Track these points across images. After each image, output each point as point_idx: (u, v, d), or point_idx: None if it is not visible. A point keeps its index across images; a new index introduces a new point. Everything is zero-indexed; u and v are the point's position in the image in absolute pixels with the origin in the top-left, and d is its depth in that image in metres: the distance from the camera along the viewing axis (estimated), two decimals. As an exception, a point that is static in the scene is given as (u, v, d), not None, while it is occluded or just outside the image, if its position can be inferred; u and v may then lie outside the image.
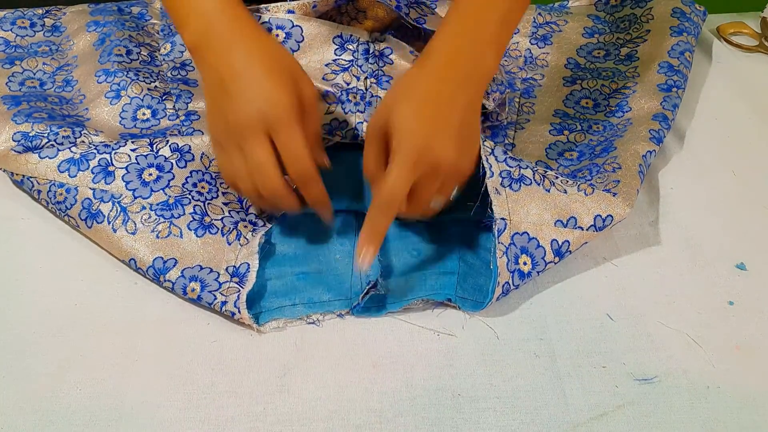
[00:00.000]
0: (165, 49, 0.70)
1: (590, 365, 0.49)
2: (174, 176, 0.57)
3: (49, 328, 0.51)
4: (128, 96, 0.64)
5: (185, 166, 0.57)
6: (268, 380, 0.48)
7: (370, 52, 0.61)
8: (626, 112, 0.66)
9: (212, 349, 0.50)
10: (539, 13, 0.78)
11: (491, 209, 0.52)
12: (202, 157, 0.58)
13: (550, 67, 0.73)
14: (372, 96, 0.60)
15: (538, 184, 0.54)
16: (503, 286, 0.51)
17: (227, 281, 0.52)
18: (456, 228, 0.57)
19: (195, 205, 0.55)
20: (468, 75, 0.52)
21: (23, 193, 0.61)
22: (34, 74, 0.69)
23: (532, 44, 0.75)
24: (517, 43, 0.75)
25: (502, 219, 0.52)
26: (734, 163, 0.65)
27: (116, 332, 0.51)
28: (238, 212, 0.57)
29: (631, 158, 0.58)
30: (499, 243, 0.51)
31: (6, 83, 0.67)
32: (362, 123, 0.60)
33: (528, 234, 0.52)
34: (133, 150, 0.57)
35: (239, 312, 0.50)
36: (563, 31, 0.77)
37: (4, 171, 0.59)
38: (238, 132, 0.49)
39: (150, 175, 0.56)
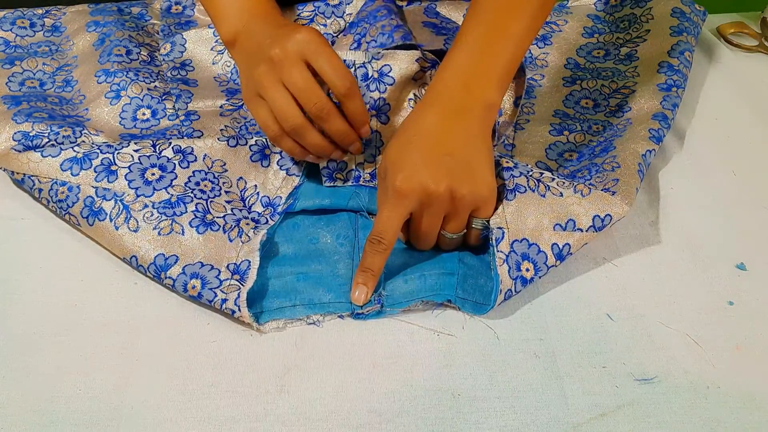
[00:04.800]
0: (165, 49, 0.70)
1: (590, 365, 0.49)
2: (176, 176, 0.57)
3: (49, 328, 0.51)
4: (128, 96, 0.64)
5: (188, 167, 0.57)
6: (268, 380, 0.48)
7: (369, 76, 0.57)
8: (626, 112, 0.66)
9: (212, 349, 0.50)
10: (539, 13, 0.78)
11: (487, 221, 0.52)
12: (204, 158, 0.58)
13: (550, 67, 0.73)
14: (371, 132, 0.58)
15: (533, 191, 0.54)
16: (505, 293, 0.51)
17: (228, 279, 0.52)
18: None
19: (197, 203, 0.55)
20: (465, 107, 0.52)
21: (23, 193, 0.61)
22: (34, 74, 0.69)
23: (531, 44, 0.75)
24: (517, 43, 0.75)
25: (499, 228, 0.52)
26: (734, 163, 0.65)
27: (116, 332, 0.51)
28: (240, 210, 0.57)
29: (630, 157, 0.58)
30: (498, 252, 0.51)
31: (6, 83, 0.67)
32: (363, 164, 0.59)
33: (528, 240, 0.52)
34: (136, 150, 0.57)
35: (239, 310, 0.50)
36: (563, 31, 0.77)
37: (4, 170, 0.59)
38: (277, 67, 0.52)
39: (152, 174, 0.56)
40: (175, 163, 0.57)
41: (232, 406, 0.47)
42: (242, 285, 0.51)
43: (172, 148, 0.58)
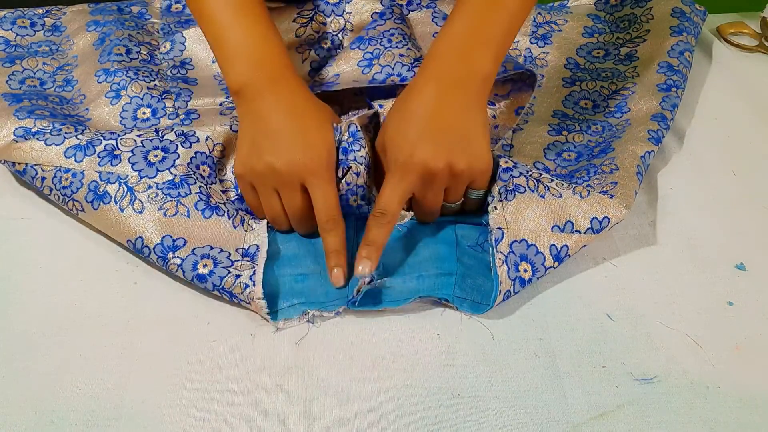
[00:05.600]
0: (165, 47, 0.70)
1: (590, 365, 0.49)
2: (179, 156, 0.57)
3: (49, 328, 0.51)
4: (128, 95, 0.64)
5: (190, 147, 0.57)
6: (268, 380, 0.48)
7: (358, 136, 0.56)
8: (625, 112, 0.66)
9: (212, 349, 0.50)
10: (539, 13, 0.78)
11: (487, 222, 0.52)
12: (207, 139, 0.58)
13: (550, 67, 0.73)
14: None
15: (532, 191, 0.54)
16: (504, 293, 0.51)
17: (239, 260, 0.52)
18: (454, 229, 0.57)
19: (200, 186, 0.56)
20: (462, 79, 0.53)
21: (23, 192, 0.61)
22: (34, 74, 0.69)
23: (531, 44, 0.75)
24: (517, 42, 0.75)
25: (499, 228, 0.52)
26: (734, 163, 0.65)
27: (116, 332, 0.51)
28: (233, 201, 0.58)
29: (629, 159, 0.58)
30: (497, 252, 0.51)
31: (6, 81, 0.67)
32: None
33: (526, 241, 0.52)
34: (138, 135, 0.58)
35: (253, 285, 0.50)
36: (563, 31, 0.77)
37: (4, 163, 0.59)
38: (275, 177, 0.53)
39: (155, 156, 0.56)
40: (177, 144, 0.57)
41: (232, 406, 0.47)
42: (256, 264, 0.52)
43: (175, 132, 0.58)
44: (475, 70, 0.53)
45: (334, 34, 0.70)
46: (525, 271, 0.51)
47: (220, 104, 0.67)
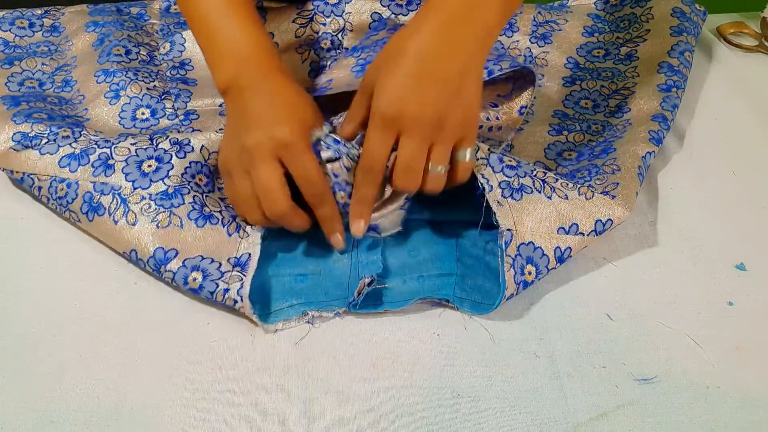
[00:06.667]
0: (164, 48, 0.70)
1: (590, 365, 0.49)
2: (173, 166, 0.56)
3: (49, 328, 0.51)
4: (127, 96, 0.64)
5: (184, 157, 0.57)
6: (268, 380, 0.48)
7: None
8: (626, 113, 0.66)
9: (212, 349, 0.50)
10: (539, 12, 0.78)
11: (496, 221, 0.52)
12: (201, 149, 0.58)
13: (550, 67, 0.73)
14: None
15: (539, 192, 0.54)
16: (508, 297, 0.51)
17: (229, 271, 0.52)
18: (453, 229, 0.57)
19: (194, 195, 0.55)
20: (464, 32, 0.49)
21: (23, 193, 0.61)
22: (33, 74, 0.69)
23: (531, 43, 0.75)
24: (517, 41, 0.75)
25: (509, 230, 0.52)
26: (734, 163, 0.65)
27: (116, 332, 0.51)
28: (230, 209, 0.57)
29: (630, 160, 0.58)
30: (507, 256, 0.51)
31: (5, 83, 0.67)
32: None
33: (533, 243, 0.52)
34: (133, 144, 0.57)
35: (241, 300, 0.50)
36: (563, 30, 0.77)
37: (3, 170, 0.59)
38: (247, 156, 0.51)
39: (149, 166, 0.56)
40: (171, 154, 0.57)
41: (232, 406, 0.47)
42: (244, 276, 0.51)
43: (169, 140, 0.58)
44: (479, 20, 0.49)
45: (334, 34, 0.70)
46: (530, 273, 0.51)
47: (220, 105, 0.67)
